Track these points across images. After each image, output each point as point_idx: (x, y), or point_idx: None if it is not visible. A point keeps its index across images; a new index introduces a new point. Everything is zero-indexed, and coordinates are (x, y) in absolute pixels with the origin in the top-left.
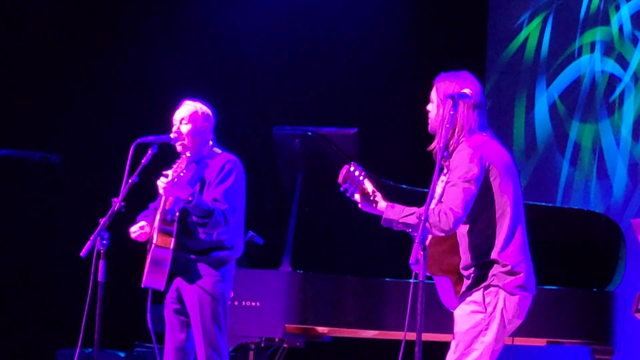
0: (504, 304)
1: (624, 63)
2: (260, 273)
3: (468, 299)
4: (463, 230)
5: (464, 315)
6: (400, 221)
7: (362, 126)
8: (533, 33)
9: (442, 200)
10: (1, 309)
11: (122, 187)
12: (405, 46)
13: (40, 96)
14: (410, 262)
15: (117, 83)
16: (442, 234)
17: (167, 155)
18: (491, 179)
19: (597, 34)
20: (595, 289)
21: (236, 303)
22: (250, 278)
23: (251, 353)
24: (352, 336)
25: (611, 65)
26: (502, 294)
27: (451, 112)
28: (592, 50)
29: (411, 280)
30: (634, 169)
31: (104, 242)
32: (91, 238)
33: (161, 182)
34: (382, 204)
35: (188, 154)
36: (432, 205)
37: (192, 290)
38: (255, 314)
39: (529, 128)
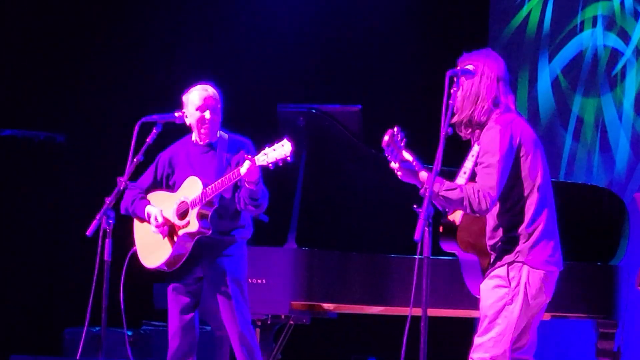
0: (528, 279)
1: (625, 37)
2: (266, 250)
3: (492, 273)
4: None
5: (488, 289)
6: (441, 194)
7: (366, 103)
8: (535, 8)
9: (477, 180)
10: (9, 289)
11: (127, 166)
12: (408, 23)
13: (45, 76)
14: (415, 237)
15: (121, 62)
16: (477, 215)
17: (170, 134)
18: (521, 157)
19: (598, 8)
20: (598, 263)
21: None
22: (256, 255)
23: (257, 330)
24: (357, 312)
25: (613, 40)
26: (525, 268)
27: (454, 89)
28: (594, 25)
29: (416, 256)
30: (636, 143)
31: (110, 221)
32: (97, 217)
33: (247, 164)
34: (423, 173)
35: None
36: (462, 181)
37: (220, 270)
38: (261, 291)
39: (531, 103)
